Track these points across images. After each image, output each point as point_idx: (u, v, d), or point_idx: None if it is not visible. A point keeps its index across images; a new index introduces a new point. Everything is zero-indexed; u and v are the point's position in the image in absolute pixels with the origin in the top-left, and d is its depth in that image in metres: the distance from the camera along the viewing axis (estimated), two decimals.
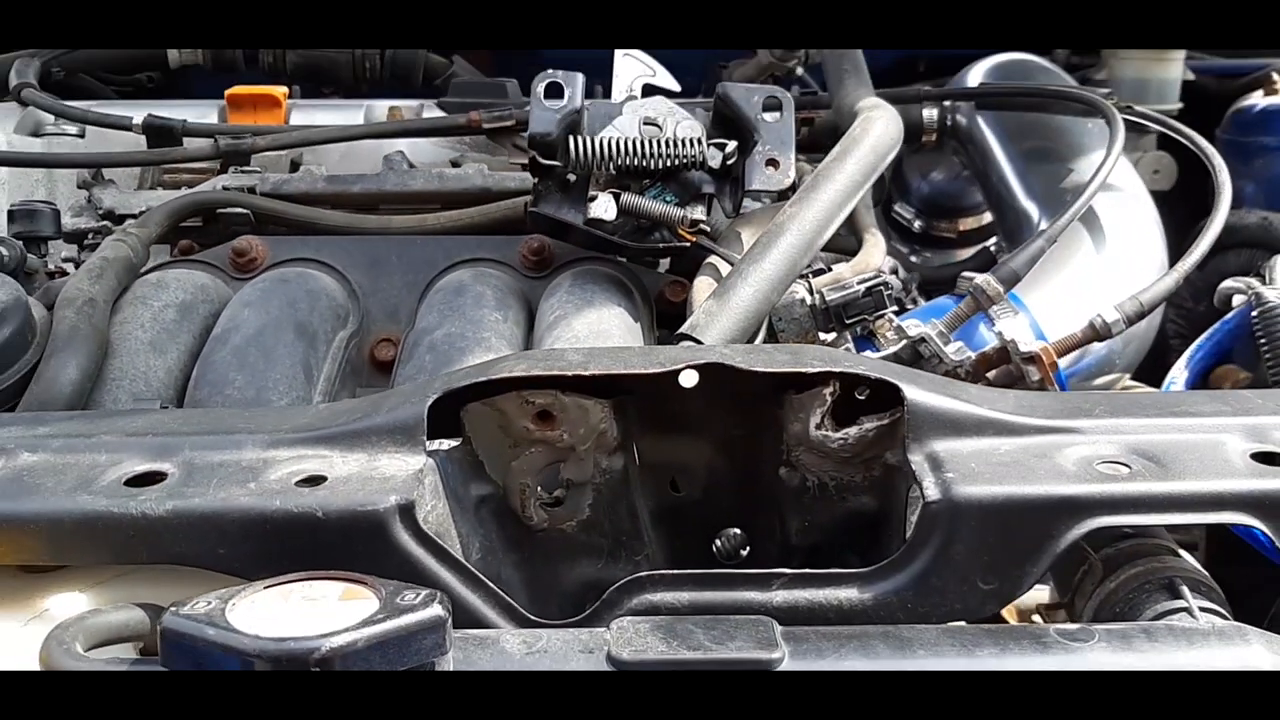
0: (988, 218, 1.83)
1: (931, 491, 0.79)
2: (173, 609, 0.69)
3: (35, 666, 0.72)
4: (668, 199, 1.19)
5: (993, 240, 1.64)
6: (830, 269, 1.21)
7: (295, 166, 1.48)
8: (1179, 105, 1.78)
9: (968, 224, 1.84)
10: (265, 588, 0.72)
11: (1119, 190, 1.31)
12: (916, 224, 1.87)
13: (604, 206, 1.16)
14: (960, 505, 0.78)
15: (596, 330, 1.13)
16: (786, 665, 0.72)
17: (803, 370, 0.86)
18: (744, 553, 0.95)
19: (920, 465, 0.82)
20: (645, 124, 1.20)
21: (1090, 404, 0.87)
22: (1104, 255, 1.26)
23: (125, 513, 0.79)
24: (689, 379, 0.88)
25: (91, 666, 0.71)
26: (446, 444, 0.87)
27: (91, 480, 0.83)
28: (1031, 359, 1.01)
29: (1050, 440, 0.83)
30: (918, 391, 0.84)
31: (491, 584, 0.81)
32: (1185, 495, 0.77)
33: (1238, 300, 1.14)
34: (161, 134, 1.48)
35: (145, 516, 0.80)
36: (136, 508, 0.80)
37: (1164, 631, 0.73)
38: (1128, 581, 0.81)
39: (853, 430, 0.88)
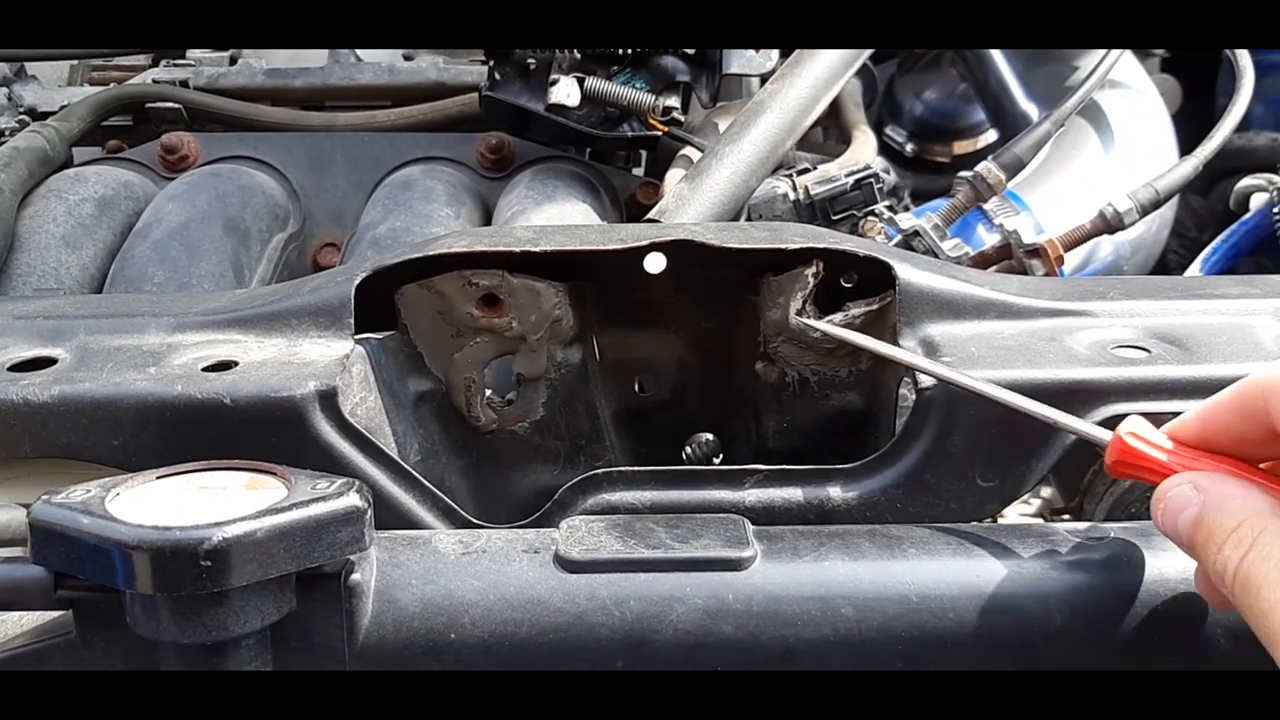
0: (983, 141, 1.73)
1: (926, 377, 0.69)
2: (44, 497, 0.59)
3: None
4: (638, 86, 1.09)
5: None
6: (815, 168, 1.11)
7: (234, 62, 1.37)
8: None
9: (963, 147, 1.73)
10: (157, 477, 0.63)
11: (1127, 86, 1.21)
12: (909, 147, 1.76)
13: (566, 91, 1.06)
14: (958, 392, 0.68)
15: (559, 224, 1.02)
16: (758, 565, 0.63)
17: (782, 247, 0.76)
18: (717, 460, 0.86)
19: (913, 350, 0.72)
20: None
21: (1104, 287, 0.78)
22: (1112, 153, 1.16)
23: (4, 399, 0.69)
24: (655, 264, 0.78)
25: None
26: (380, 334, 0.78)
27: None
28: (1035, 252, 0.91)
29: (1059, 323, 0.74)
30: (911, 270, 0.74)
31: (428, 483, 0.71)
32: (1212, 380, 0.68)
33: (1257, 199, 1.04)
34: None
35: (28, 403, 0.69)
36: (18, 393, 0.69)
37: None
38: None
39: (838, 317, 0.78)
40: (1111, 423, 0.68)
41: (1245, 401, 0.55)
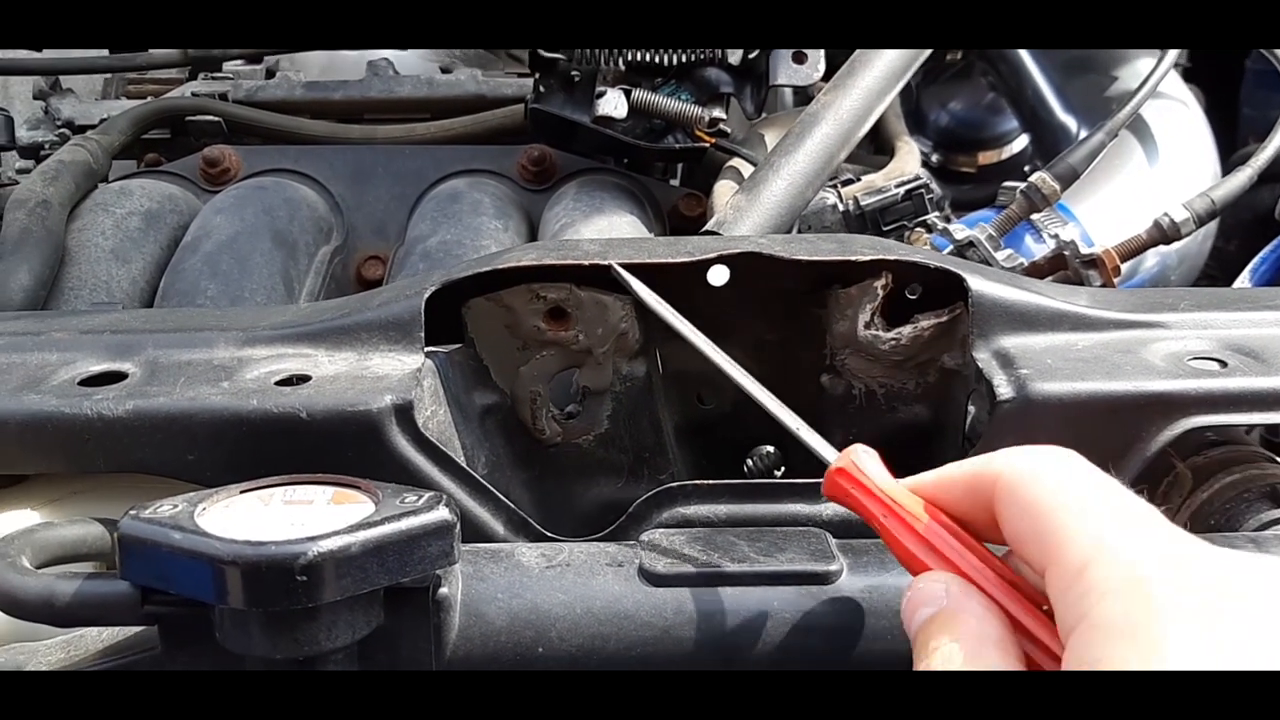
0: (1009, 151, 1.74)
1: (1004, 389, 0.69)
2: (132, 512, 0.59)
3: None
4: (683, 97, 1.09)
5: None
6: (859, 179, 1.11)
7: (271, 74, 1.37)
8: None
9: (988, 157, 1.74)
10: (241, 491, 0.62)
11: (1168, 96, 1.22)
12: (934, 158, 1.76)
13: (613, 103, 1.06)
14: (1037, 404, 0.68)
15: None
16: (845, 579, 0.63)
17: (853, 259, 0.76)
18: (779, 473, 0.86)
19: (988, 363, 0.72)
20: None
21: (1173, 298, 0.77)
22: (1157, 164, 1.16)
23: (79, 413, 0.69)
24: (719, 276, 0.78)
25: (40, 583, 0.61)
26: (448, 347, 0.77)
27: (40, 380, 0.72)
28: (1092, 262, 0.91)
29: (1134, 335, 0.74)
30: (983, 282, 0.74)
31: (502, 496, 0.71)
32: None
33: None
34: None
35: (102, 418, 0.69)
36: (92, 408, 0.69)
37: (1274, 541, 0.64)
38: (1223, 491, 0.72)
39: (907, 329, 0.78)
40: (1185, 438, 0.69)
41: (976, 484, 0.54)
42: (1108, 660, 0.44)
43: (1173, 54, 1.12)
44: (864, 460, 0.58)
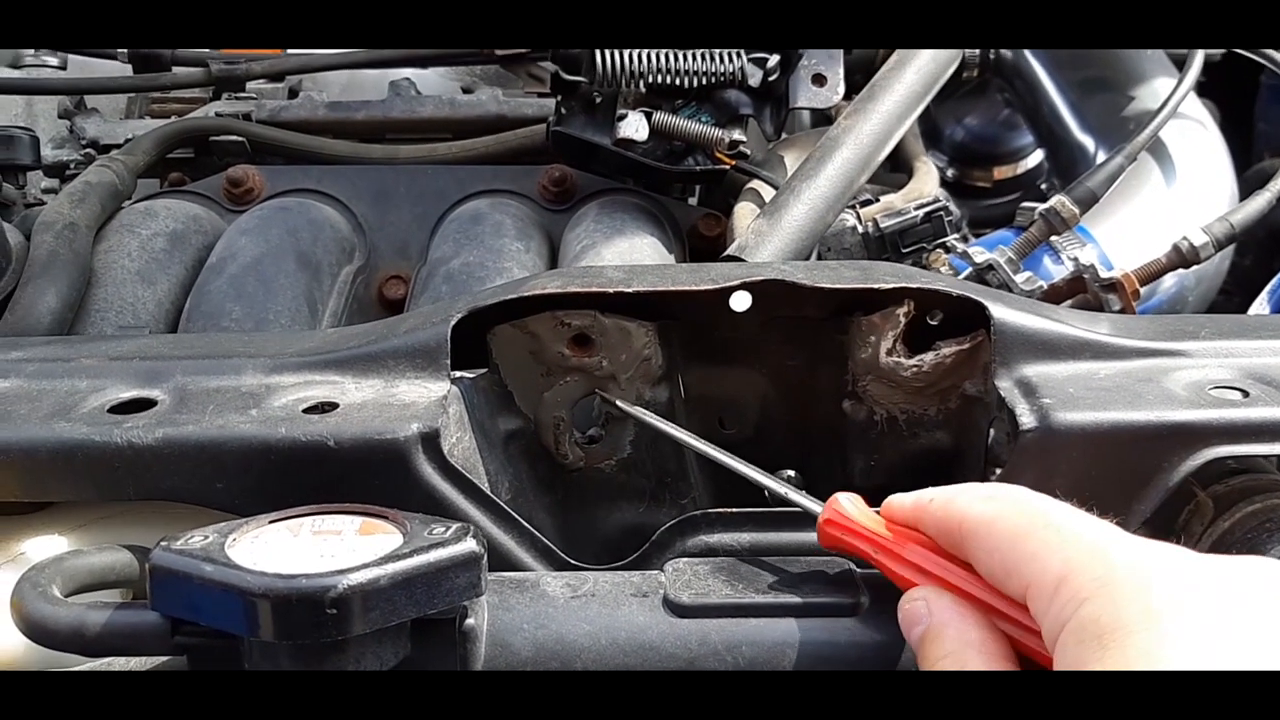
0: (1024, 166, 1.74)
1: (1027, 419, 0.69)
2: (163, 544, 0.59)
3: (5, 612, 0.62)
4: (703, 120, 1.09)
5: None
6: (878, 199, 1.11)
7: (294, 94, 1.38)
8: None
9: (1003, 172, 1.74)
10: (270, 521, 0.63)
11: (1186, 117, 1.22)
12: (949, 173, 1.77)
13: (635, 126, 1.06)
14: (1060, 434, 0.68)
15: (628, 260, 1.03)
16: (869, 610, 0.63)
17: (875, 287, 0.76)
18: None
19: (1010, 391, 0.72)
20: None
21: (1194, 326, 0.78)
22: (1174, 186, 1.16)
23: (109, 442, 0.70)
24: (741, 302, 0.78)
25: (71, 613, 0.62)
26: (472, 372, 0.78)
27: (71, 407, 0.73)
28: (1112, 286, 0.91)
29: (1155, 364, 0.74)
30: (1005, 310, 0.74)
31: (527, 524, 0.71)
32: None
33: None
34: (149, 61, 1.37)
35: (132, 446, 0.70)
36: (122, 436, 0.70)
37: None
38: (1245, 520, 0.72)
39: (929, 356, 0.78)
40: (1206, 466, 0.69)
41: (943, 527, 0.58)
42: (1097, 659, 0.46)
43: (1191, 76, 1.12)
44: (847, 506, 0.64)
